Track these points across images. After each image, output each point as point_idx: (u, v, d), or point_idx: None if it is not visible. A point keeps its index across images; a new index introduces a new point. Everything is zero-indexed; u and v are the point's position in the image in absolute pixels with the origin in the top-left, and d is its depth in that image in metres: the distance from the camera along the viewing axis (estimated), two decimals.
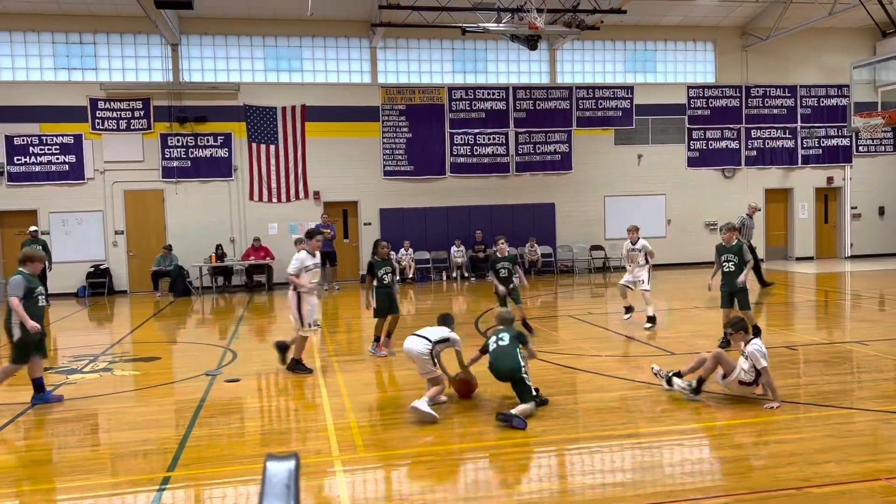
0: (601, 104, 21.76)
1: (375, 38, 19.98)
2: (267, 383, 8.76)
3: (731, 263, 9.40)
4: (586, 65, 22.03)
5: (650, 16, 20.95)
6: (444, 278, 20.52)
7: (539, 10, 16.99)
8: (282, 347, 9.02)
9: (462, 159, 21.09)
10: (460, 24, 17.91)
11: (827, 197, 23.55)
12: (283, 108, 19.97)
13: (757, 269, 15.38)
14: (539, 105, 21.46)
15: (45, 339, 7.97)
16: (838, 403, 6.73)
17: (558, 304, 15.47)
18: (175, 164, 19.51)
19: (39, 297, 7.57)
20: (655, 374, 7.59)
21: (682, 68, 22.54)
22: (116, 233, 19.37)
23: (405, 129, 20.74)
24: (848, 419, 6.30)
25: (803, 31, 20.95)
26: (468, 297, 16.68)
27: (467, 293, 17.46)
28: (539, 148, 21.51)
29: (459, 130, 21.04)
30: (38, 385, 7.66)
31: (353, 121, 20.41)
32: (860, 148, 23.27)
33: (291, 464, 1.94)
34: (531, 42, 17.81)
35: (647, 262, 11.40)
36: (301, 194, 20.24)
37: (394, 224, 20.62)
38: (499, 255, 10.93)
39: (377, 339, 9.85)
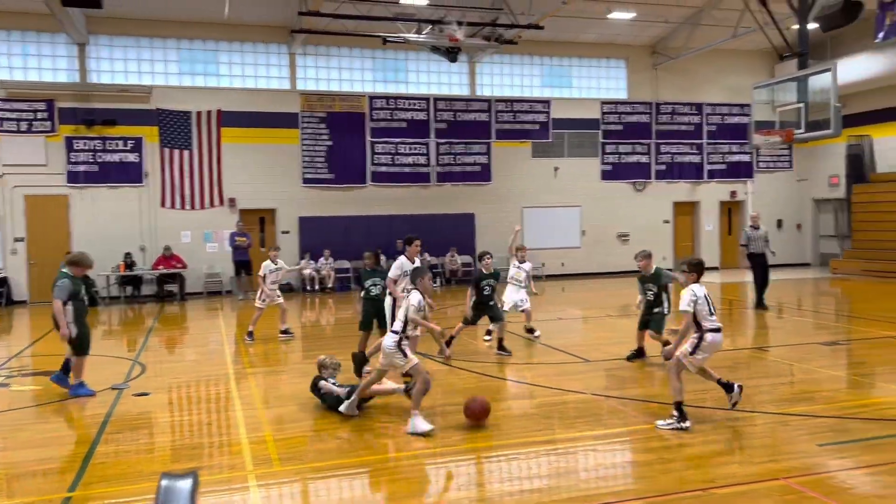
0: (519, 117, 22.19)
1: (295, 44, 19.74)
2: (178, 396, 8.47)
3: (650, 292, 9.13)
4: (505, 78, 22.44)
5: (566, 32, 21.55)
6: None
7: (459, 23, 17.22)
8: (360, 360, 8.84)
9: (383, 168, 21.06)
10: (381, 34, 17.92)
11: (730, 210, 24.77)
12: (198, 113, 19.42)
13: (763, 284, 14.57)
14: (459, 116, 21.68)
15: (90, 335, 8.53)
16: (741, 407, 7.05)
17: None
18: (82, 168, 18.64)
19: (85, 298, 8.25)
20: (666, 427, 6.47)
21: (596, 84, 23.28)
22: (16, 240, 18.30)
23: (325, 137, 20.54)
24: (750, 422, 6.62)
25: (709, 52, 22.04)
26: None
27: None
28: (459, 159, 21.72)
29: (380, 139, 21.01)
30: (67, 368, 8.30)
31: (272, 127, 20.07)
32: (760, 164, 24.61)
33: (189, 482, 1.86)
34: (451, 54, 18.02)
35: (528, 284, 11.30)
36: (216, 201, 19.70)
37: (313, 232, 20.35)
38: (484, 272, 10.17)
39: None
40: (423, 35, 17.46)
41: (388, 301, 8.97)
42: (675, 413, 6.45)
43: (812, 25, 15.27)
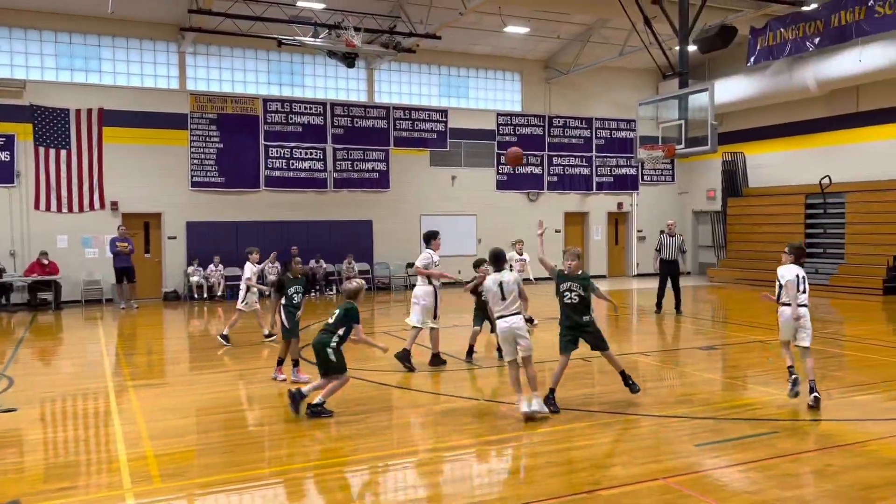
0: (417, 125, 22.31)
1: (185, 42, 19.02)
2: (51, 412, 7.92)
3: (574, 293, 7.38)
4: (403, 86, 22.50)
5: (463, 44, 21.88)
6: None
7: (356, 29, 17.13)
8: (403, 358, 9.40)
9: (277, 173, 20.60)
10: (276, 36, 17.57)
11: (617, 221, 25.86)
12: (78, 111, 18.32)
13: (676, 290, 15.23)
14: (357, 122, 21.54)
15: None
16: (624, 410, 7.35)
17: (375, 321, 15.51)
18: None
19: None
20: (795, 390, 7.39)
21: (492, 96, 23.75)
22: None
23: (216, 139, 19.87)
24: (634, 424, 6.90)
25: (598, 68, 22.98)
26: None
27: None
28: (357, 165, 21.57)
29: (275, 143, 20.55)
30: None
31: (159, 128, 19.23)
32: (645, 177, 25.85)
33: None
34: (348, 59, 17.90)
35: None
36: (96, 204, 18.63)
37: (202, 238, 19.62)
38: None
39: (280, 362, 9.01)
40: (319, 39, 17.24)
41: (421, 291, 9.54)
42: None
43: (692, 47, 16.18)
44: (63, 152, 18.22)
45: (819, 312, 16.31)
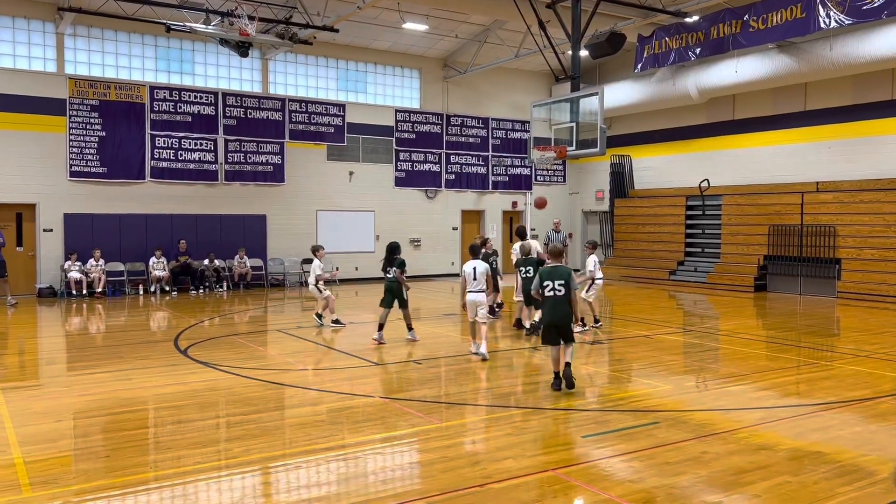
0: (314, 119, 21.93)
1: (63, 23, 17.86)
2: None
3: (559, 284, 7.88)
4: (300, 78, 22.06)
5: (361, 38, 21.70)
6: (141, 292, 18.90)
7: (251, 18, 16.63)
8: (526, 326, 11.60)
9: (165, 164, 19.72)
10: (164, 21, 16.80)
11: (512, 219, 26.42)
12: None
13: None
14: (251, 114, 20.94)
15: None
16: (517, 404, 7.53)
17: (268, 319, 15.15)
18: None
19: None
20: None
21: (391, 92, 23.69)
22: None
23: (98, 127, 18.79)
24: (526, 418, 7.08)
25: (495, 69, 23.38)
26: (168, 313, 15.56)
27: (168, 308, 16.29)
28: (250, 158, 20.97)
29: (162, 133, 19.66)
30: None
31: (33, 112, 17.98)
32: (538, 177, 26.55)
33: None
34: (242, 49, 17.37)
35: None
36: None
37: (82, 231, 18.52)
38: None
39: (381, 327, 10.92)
40: (211, 26, 16.63)
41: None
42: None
43: (584, 52, 16.72)
44: None
45: (698, 308, 17.30)
